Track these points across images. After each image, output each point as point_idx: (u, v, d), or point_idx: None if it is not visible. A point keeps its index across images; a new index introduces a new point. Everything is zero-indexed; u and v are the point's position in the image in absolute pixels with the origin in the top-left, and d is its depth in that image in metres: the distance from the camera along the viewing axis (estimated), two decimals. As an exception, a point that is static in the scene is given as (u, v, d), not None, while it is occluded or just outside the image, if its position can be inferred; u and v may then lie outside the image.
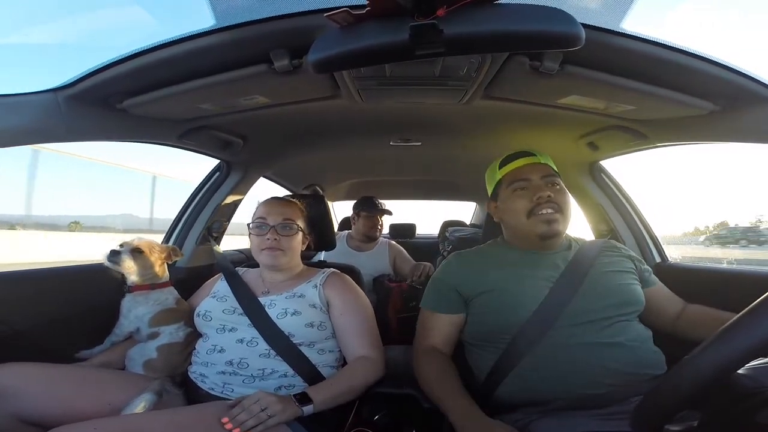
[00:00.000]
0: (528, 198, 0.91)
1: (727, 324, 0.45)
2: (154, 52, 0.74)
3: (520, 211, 0.92)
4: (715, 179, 32.91)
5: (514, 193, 0.94)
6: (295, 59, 0.75)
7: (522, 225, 0.92)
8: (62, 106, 0.82)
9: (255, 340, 0.89)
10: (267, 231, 0.99)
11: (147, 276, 1.05)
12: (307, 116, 1.17)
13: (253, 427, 0.69)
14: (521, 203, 0.92)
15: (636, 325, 0.86)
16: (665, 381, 0.48)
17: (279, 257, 0.99)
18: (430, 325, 0.96)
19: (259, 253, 1.00)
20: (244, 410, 0.71)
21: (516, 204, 0.93)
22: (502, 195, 0.99)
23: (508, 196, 0.96)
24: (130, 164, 7.86)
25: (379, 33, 0.56)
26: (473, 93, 0.94)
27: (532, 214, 0.90)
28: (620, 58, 0.74)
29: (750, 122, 0.84)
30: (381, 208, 2.11)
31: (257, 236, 1.00)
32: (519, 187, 0.94)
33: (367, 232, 2.07)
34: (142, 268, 1.04)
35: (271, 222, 1.00)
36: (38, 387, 0.78)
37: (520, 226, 0.93)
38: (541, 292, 0.85)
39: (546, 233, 0.90)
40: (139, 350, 0.99)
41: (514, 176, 0.95)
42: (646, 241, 1.41)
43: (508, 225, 1.00)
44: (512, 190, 0.95)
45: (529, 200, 0.91)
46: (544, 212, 0.89)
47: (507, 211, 0.97)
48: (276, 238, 0.99)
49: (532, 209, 0.90)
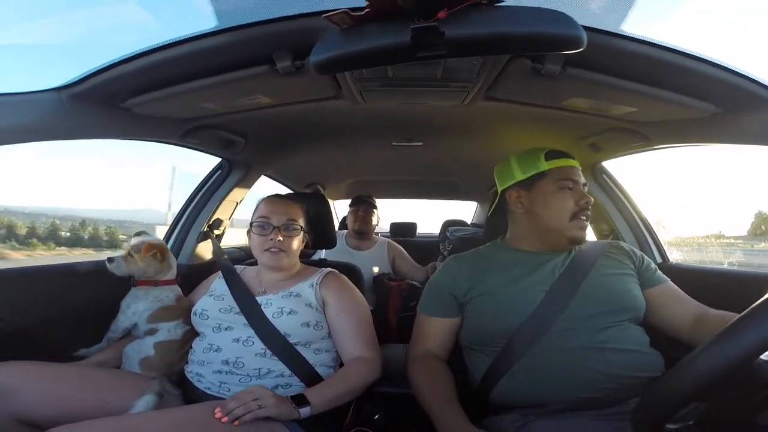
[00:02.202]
0: (574, 200, 0.91)
1: (728, 325, 0.45)
2: (157, 52, 0.74)
3: (565, 210, 0.90)
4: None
5: (561, 192, 0.91)
6: (297, 60, 0.75)
7: (561, 225, 0.91)
8: (66, 105, 0.82)
9: (251, 339, 0.88)
10: (270, 231, 0.98)
11: (147, 274, 1.06)
12: (308, 116, 1.17)
13: (240, 416, 0.69)
14: (568, 204, 0.91)
15: (633, 329, 0.85)
16: (666, 380, 0.49)
17: (281, 258, 0.99)
18: (426, 329, 0.96)
19: (261, 253, 0.99)
20: (237, 399, 0.71)
21: (563, 203, 0.91)
22: (541, 188, 0.93)
23: (553, 192, 0.92)
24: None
25: (380, 35, 0.57)
26: (475, 94, 0.94)
27: (575, 217, 0.90)
28: (622, 61, 0.74)
29: (751, 124, 0.84)
30: (364, 200, 2.11)
31: (260, 236, 0.98)
32: (567, 186, 0.91)
33: (355, 227, 2.09)
34: (137, 269, 1.05)
35: (275, 222, 0.98)
36: (36, 386, 0.77)
37: (557, 225, 0.91)
38: (537, 296, 0.85)
39: (579, 238, 0.91)
40: (135, 347, 0.99)
41: (565, 174, 0.92)
42: (648, 241, 1.41)
43: (540, 220, 0.93)
44: (559, 187, 0.91)
45: (575, 203, 0.90)
46: (584, 218, 0.90)
47: (547, 206, 0.92)
48: (280, 239, 0.97)
49: (576, 213, 0.90)
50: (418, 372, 0.90)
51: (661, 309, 0.91)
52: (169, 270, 1.10)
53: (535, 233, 0.96)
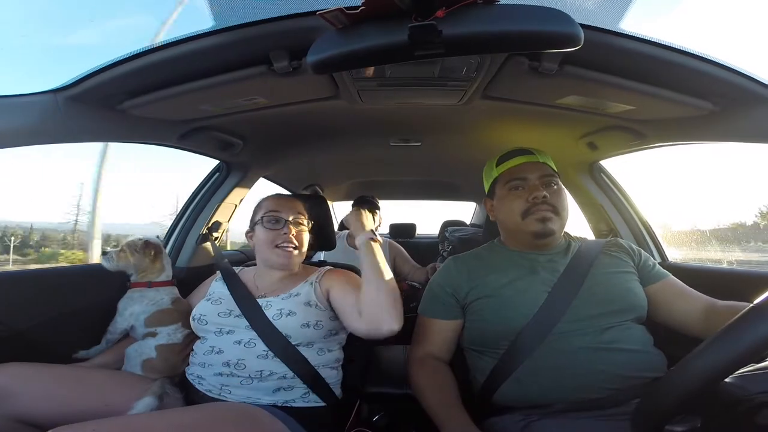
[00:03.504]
0: (524, 198, 0.90)
1: (726, 325, 0.45)
2: (153, 53, 0.74)
3: (515, 211, 0.91)
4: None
5: (510, 193, 0.93)
6: (294, 60, 0.75)
7: (516, 225, 0.92)
8: (62, 107, 0.82)
9: (253, 342, 0.88)
10: (283, 225, 0.97)
11: (139, 272, 1.07)
12: (306, 117, 1.17)
13: None
14: (517, 203, 0.91)
15: (636, 328, 0.84)
16: (665, 381, 0.49)
17: (293, 255, 0.98)
18: (428, 332, 0.95)
19: (272, 250, 0.97)
20: None
21: (511, 204, 0.92)
22: (498, 193, 0.97)
23: (504, 195, 0.94)
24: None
25: (378, 34, 0.57)
26: (473, 93, 0.94)
27: (527, 214, 0.89)
28: (619, 58, 0.74)
29: (749, 122, 0.84)
30: (367, 200, 2.12)
31: (271, 230, 0.97)
32: (515, 186, 0.92)
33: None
34: (126, 264, 1.06)
35: (286, 216, 0.98)
36: (36, 388, 0.78)
37: (514, 226, 0.93)
38: (540, 297, 0.84)
39: (540, 231, 0.89)
40: (136, 348, 0.99)
41: (511, 175, 0.94)
42: (646, 240, 1.41)
43: (503, 224, 0.99)
44: (508, 189, 0.93)
45: (524, 200, 0.90)
46: (538, 212, 0.89)
47: (502, 210, 0.96)
48: (293, 233, 0.97)
49: (528, 209, 0.89)
50: (420, 375, 0.89)
51: (664, 305, 0.89)
52: (162, 271, 1.10)
53: (510, 237, 0.99)
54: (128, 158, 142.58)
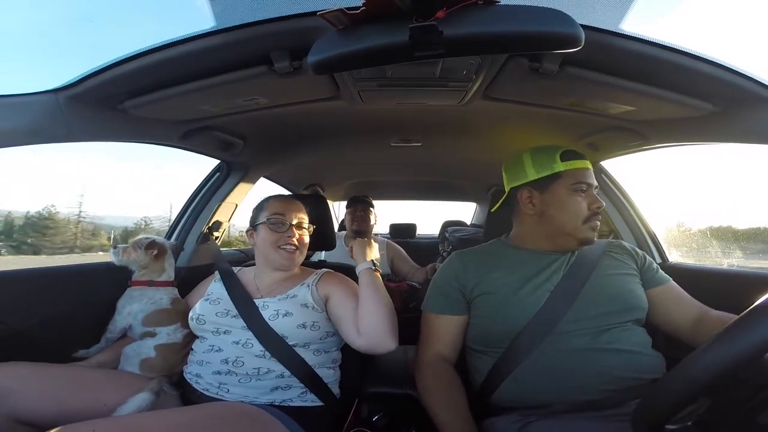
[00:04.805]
0: (587, 203, 0.90)
1: (725, 327, 0.45)
2: (154, 54, 0.74)
3: (579, 214, 0.89)
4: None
5: (576, 194, 0.90)
6: (295, 60, 0.75)
7: (573, 228, 0.90)
8: (63, 107, 0.82)
9: (250, 342, 0.88)
10: (287, 228, 1.00)
11: (140, 268, 1.09)
12: (307, 117, 1.17)
13: None
14: (582, 207, 0.90)
15: (636, 330, 0.84)
16: (665, 381, 0.49)
17: (296, 256, 1.01)
18: (435, 329, 0.93)
19: (276, 250, 1.00)
20: None
21: (576, 206, 0.90)
22: (555, 189, 0.91)
23: (567, 195, 0.90)
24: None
25: (378, 34, 0.57)
26: (473, 94, 0.94)
27: (587, 221, 0.90)
28: (620, 59, 0.74)
29: (749, 123, 0.84)
30: (360, 199, 2.15)
31: (275, 232, 1.00)
32: (581, 189, 0.90)
33: (353, 227, 2.12)
34: (128, 260, 1.08)
35: (290, 220, 1.01)
36: (34, 387, 0.78)
37: (570, 228, 0.90)
38: (541, 298, 0.84)
39: (590, 239, 0.90)
40: (135, 347, 0.99)
41: (581, 177, 0.91)
42: (647, 241, 1.41)
43: (552, 221, 0.92)
44: (573, 190, 0.90)
45: (586, 206, 0.90)
46: (593, 222, 0.90)
47: (561, 208, 0.90)
48: (297, 237, 1.01)
49: (589, 217, 0.90)
50: (427, 378, 0.88)
51: (662, 309, 0.90)
52: (163, 271, 1.11)
53: (543, 234, 0.94)
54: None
